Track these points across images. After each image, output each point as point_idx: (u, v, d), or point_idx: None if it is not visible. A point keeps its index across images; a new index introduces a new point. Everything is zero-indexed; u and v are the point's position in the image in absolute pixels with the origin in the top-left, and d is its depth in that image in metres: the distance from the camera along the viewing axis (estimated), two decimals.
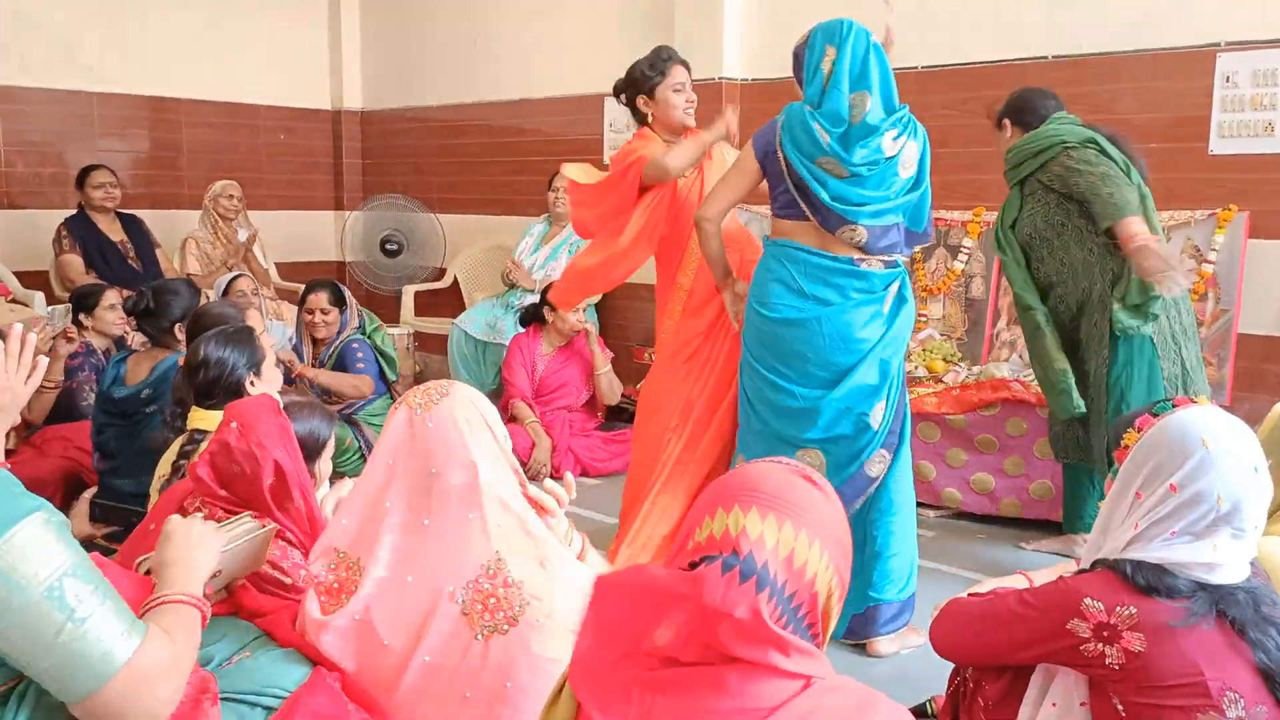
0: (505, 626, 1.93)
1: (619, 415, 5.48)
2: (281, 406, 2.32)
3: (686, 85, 3.57)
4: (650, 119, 3.59)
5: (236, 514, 2.29)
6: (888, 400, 3.13)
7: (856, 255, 3.07)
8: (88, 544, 1.91)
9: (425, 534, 1.97)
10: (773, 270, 3.15)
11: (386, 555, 1.98)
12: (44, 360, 1.66)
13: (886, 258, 3.12)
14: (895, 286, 3.15)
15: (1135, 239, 3.26)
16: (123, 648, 1.41)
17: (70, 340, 4.30)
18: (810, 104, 3.05)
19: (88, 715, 1.43)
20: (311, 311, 4.77)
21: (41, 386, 1.52)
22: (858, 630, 3.18)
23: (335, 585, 2.01)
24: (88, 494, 3.60)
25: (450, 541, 1.96)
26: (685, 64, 3.60)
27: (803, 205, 3.05)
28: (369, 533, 2.01)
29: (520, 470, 2.13)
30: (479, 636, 1.92)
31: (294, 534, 2.35)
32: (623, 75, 3.62)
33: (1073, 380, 3.54)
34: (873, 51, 3.02)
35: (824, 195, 3.00)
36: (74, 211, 5.83)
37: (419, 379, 6.32)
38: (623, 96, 3.64)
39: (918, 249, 4.47)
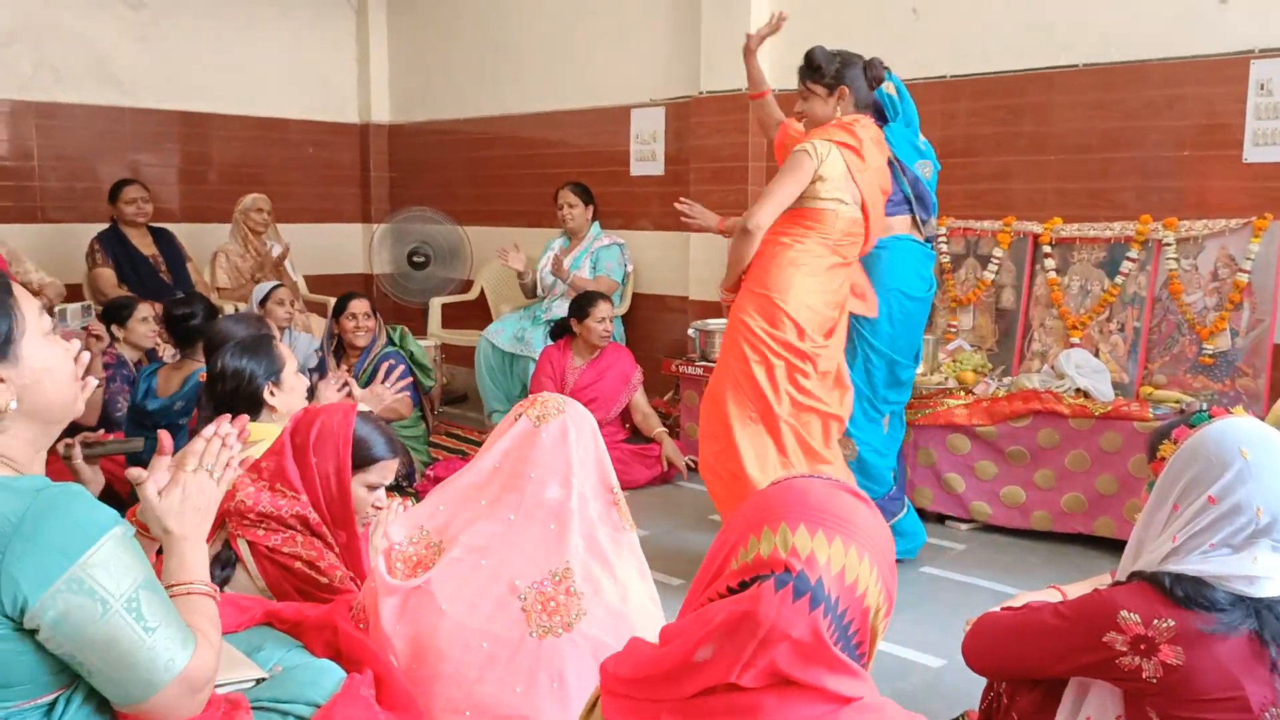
0: (560, 630, 2.04)
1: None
2: (359, 415, 2.38)
3: None
4: (833, 110, 3.48)
5: (280, 523, 2.32)
6: None
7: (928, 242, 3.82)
8: None
9: (508, 528, 2.10)
10: (902, 258, 3.68)
11: (467, 540, 2.10)
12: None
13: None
14: None
15: None
16: (181, 657, 1.47)
17: (99, 339, 4.31)
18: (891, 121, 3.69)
19: (136, 714, 1.49)
20: (354, 317, 4.79)
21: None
22: None
23: (414, 559, 2.14)
24: None
25: (528, 542, 2.09)
26: None
27: (913, 201, 3.68)
28: (457, 521, 2.15)
29: (618, 489, 2.25)
30: (533, 634, 2.02)
31: (330, 531, 2.37)
32: (832, 60, 3.47)
33: None
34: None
35: (933, 187, 3.77)
36: (106, 225, 5.90)
37: (446, 391, 6.34)
38: (835, 75, 3.46)
39: (947, 260, 4.77)
